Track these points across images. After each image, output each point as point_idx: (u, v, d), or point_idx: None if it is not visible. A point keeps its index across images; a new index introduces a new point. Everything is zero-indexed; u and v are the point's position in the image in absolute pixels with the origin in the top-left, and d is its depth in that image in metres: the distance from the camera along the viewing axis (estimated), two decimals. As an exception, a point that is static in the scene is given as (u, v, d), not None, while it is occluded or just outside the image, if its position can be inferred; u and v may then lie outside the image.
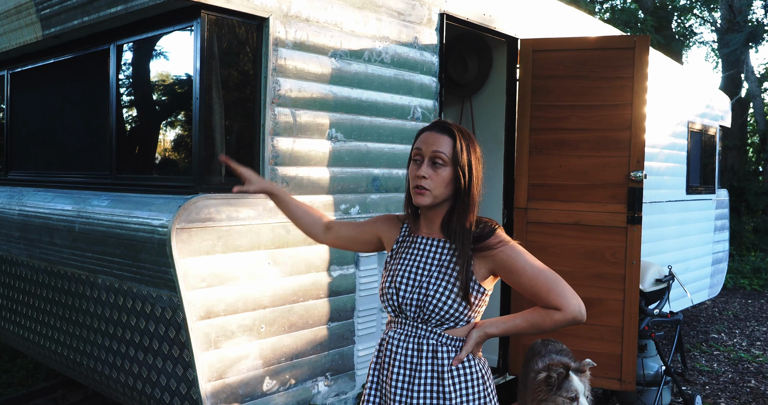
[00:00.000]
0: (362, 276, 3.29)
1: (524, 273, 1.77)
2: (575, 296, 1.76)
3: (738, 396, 5.01)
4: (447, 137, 1.82)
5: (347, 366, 3.24)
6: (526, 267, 1.78)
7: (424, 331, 1.82)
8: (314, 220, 2.13)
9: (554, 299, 1.75)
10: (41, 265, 3.54)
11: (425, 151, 1.82)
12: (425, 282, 1.81)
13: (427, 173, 1.80)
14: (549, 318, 1.76)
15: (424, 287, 1.81)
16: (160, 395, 2.86)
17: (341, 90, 3.13)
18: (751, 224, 13.68)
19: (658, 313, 4.29)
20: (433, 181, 1.80)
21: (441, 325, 1.81)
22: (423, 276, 1.83)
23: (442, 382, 1.79)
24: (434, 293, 1.79)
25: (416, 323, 1.83)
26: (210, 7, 2.64)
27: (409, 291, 1.83)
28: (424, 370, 1.80)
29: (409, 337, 1.83)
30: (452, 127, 1.84)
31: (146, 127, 3.32)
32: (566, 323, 1.77)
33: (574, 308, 1.75)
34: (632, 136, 3.90)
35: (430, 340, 1.81)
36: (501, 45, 4.51)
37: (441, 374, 1.79)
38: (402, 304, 1.83)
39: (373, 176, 3.33)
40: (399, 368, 1.83)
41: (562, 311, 1.75)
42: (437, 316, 1.79)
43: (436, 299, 1.78)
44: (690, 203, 6.78)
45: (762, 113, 15.76)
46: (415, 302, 1.81)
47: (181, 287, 2.52)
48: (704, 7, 18.12)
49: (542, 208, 4.06)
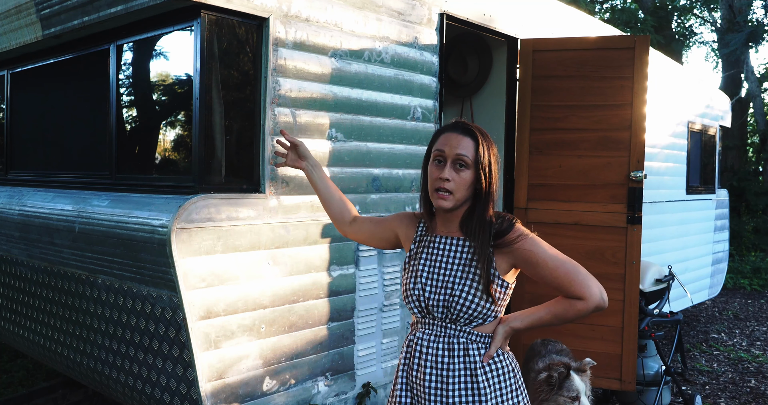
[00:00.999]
0: (362, 276, 3.29)
1: (545, 265, 1.79)
2: (597, 284, 1.77)
3: (738, 396, 5.01)
4: (470, 140, 1.83)
5: (347, 366, 3.24)
6: (547, 259, 1.79)
7: (453, 331, 1.82)
8: (345, 209, 2.17)
9: (577, 289, 1.76)
10: (41, 265, 3.54)
11: (448, 153, 1.82)
12: (450, 282, 1.82)
13: (451, 176, 1.80)
14: (572, 308, 1.78)
15: (449, 287, 1.81)
16: (160, 395, 2.86)
17: (341, 90, 3.13)
18: (751, 224, 13.67)
19: (658, 313, 4.28)
20: (456, 183, 1.80)
21: (470, 323, 1.81)
22: (447, 276, 1.83)
23: (476, 379, 1.80)
24: (460, 293, 1.79)
25: (445, 323, 1.83)
26: (210, 7, 2.64)
27: (435, 292, 1.83)
28: (456, 369, 1.81)
29: (439, 338, 1.84)
30: (474, 129, 1.85)
31: (146, 127, 3.32)
32: (590, 312, 1.78)
33: (596, 297, 1.75)
34: (632, 136, 3.90)
35: (460, 338, 1.82)
36: (501, 45, 4.51)
37: (474, 371, 1.80)
38: (429, 306, 1.84)
39: (373, 176, 3.33)
40: (431, 368, 1.83)
41: (585, 300, 1.76)
42: (465, 315, 1.80)
43: (462, 298, 1.79)
44: (690, 203, 6.78)
45: (762, 113, 15.76)
46: (442, 303, 1.81)
47: (181, 287, 2.52)
48: (704, 7, 18.12)
49: (542, 208, 4.06)
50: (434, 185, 1.82)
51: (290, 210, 2.92)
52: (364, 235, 2.13)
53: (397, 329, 3.52)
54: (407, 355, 1.91)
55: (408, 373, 1.90)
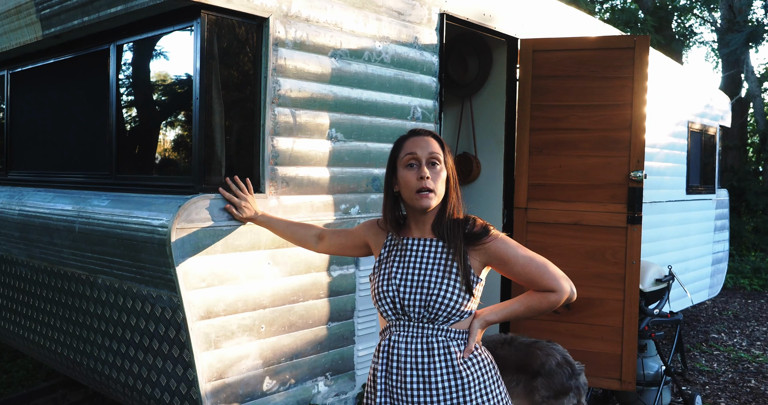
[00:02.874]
0: (362, 276, 3.29)
1: (516, 262, 1.88)
2: (564, 277, 1.90)
3: (738, 396, 5.01)
4: (434, 140, 1.94)
5: (347, 366, 3.24)
6: (518, 256, 1.88)
7: (431, 330, 1.83)
8: (306, 233, 2.34)
9: (548, 283, 1.86)
10: (41, 265, 3.54)
11: (421, 154, 1.90)
12: (426, 282, 1.83)
13: (430, 174, 1.88)
14: (545, 300, 1.87)
15: (427, 287, 1.82)
16: (160, 395, 2.86)
17: (341, 90, 3.13)
18: (751, 224, 13.68)
19: (658, 313, 4.28)
20: (435, 181, 1.88)
21: (448, 321, 1.83)
22: (423, 276, 1.84)
23: (459, 375, 1.82)
24: (438, 292, 1.81)
25: (422, 323, 1.84)
26: (210, 7, 2.64)
27: (411, 292, 1.84)
28: (438, 368, 1.82)
29: (416, 339, 1.84)
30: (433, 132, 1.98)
31: (146, 127, 3.32)
32: (561, 302, 1.88)
33: (567, 288, 1.87)
34: (632, 136, 3.90)
35: (439, 337, 1.83)
36: (501, 45, 4.51)
37: (456, 368, 1.82)
38: (405, 306, 1.84)
39: (373, 176, 3.33)
40: (411, 370, 1.83)
41: (557, 292, 1.86)
42: (444, 313, 1.81)
43: (441, 297, 1.80)
44: (690, 203, 6.78)
45: (762, 113, 15.75)
46: (419, 303, 1.82)
47: (181, 287, 2.52)
48: (704, 7, 18.12)
49: (542, 208, 4.06)
50: (416, 187, 1.88)
51: (290, 210, 2.92)
52: (334, 248, 2.27)
53: (397, 329, 3.52)
54: (383, 360, 1.90)
55: (387, 379, 1.89)
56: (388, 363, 1.89)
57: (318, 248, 2.33)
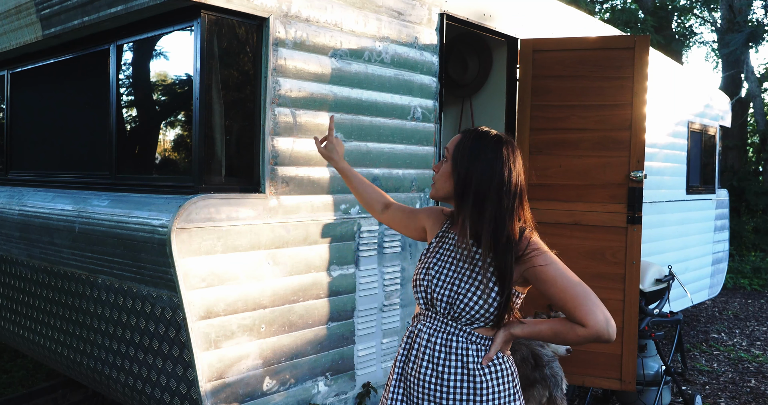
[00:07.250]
0: (362, 276, 3.29)
1: (554, 284, 1.74)
2: (604, 313, 1.70)
3: (738, 396, 5.01)
4: (459, 135, 1.93)
5: (347, 366, 3.24)
6: (557, 278, 1.75)
7: (453, 328, 1.83)
8: (376, 197, 2.28)
9: (580, 315, 1.70)
10: (41, 265, 3.54)
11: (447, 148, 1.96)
12: (456, 279, 1.83)
13: (437, 167, 1.94)
14: (573, 332, 1.72)
15: (456, 284, 1.82)
16: (160, 395, 2.86)
17: (341, 90, 3.13)
18: (751, 224, 13.67)
19: (658, 313, 4.28)
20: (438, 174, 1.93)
21: (471, 323, 1.81)
22: (455, 272, 1.84)
23: (474, 380, 1.80)
24: (465, 292, 1.79)
25: (446, 320, 1.84)
26: (210, 7, 2.64)
27: (441, 286, 1.84)
28: (453, 367, 1.81)
29: (437, 333, 1.84)
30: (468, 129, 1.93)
31: (146, 127, 3.32)
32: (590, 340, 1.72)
33: (600, 326, 1.68)
34: (632, 136, 3.90)
35: (459, 337, 1.82)
36: (501, 45, 4.51)
37: (472, 372, 1.80)
38: (434, 299, 1.85)
39: (373, 176, 3.33)
40: (428, 362, 1.84)
41: (587, 328, 1.69)
42: (467, 315, 1.80)
43: (467, 298, 1.79)
44: (690, 203, 6.78)
45: (762, 113, 15.75)
46: (446, 298, 1.82)
47: (181, 287, 2.52)
48: (704, 7, 18.12)
49: (542, 208, 4.06)
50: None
51: (290, 210, 2.92)
52: (395, 222, 2.21)
53: (397, 329, 3.52)
54: (407, 346, 1.93)
55: (405, 364, 1.91)
56: (409, 349, 1.91)
57: (382, 217, 2.25)
